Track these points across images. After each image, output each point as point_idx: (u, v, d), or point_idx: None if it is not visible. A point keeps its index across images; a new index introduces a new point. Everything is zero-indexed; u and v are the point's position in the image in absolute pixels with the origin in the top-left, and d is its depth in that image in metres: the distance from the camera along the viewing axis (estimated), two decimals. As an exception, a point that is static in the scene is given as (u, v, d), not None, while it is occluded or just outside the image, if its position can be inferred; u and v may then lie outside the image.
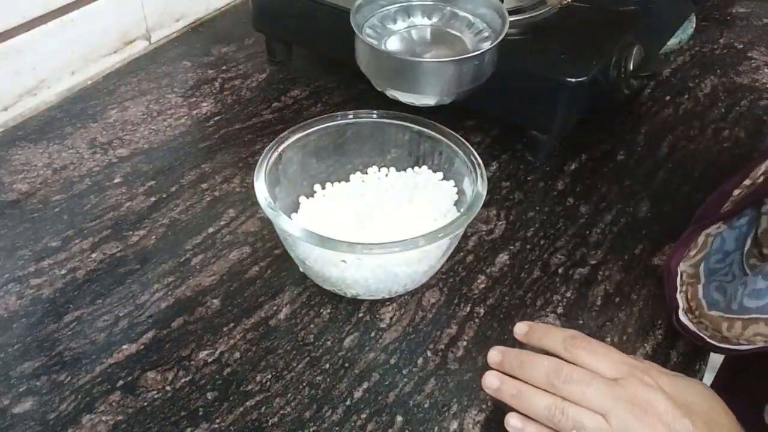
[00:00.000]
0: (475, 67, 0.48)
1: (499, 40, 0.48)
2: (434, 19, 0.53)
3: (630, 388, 0.41)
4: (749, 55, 0.84)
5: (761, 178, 0.51)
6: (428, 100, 0.52)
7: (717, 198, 0.54)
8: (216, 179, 0.66)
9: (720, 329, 0.48)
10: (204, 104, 0.75)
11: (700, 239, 0.53)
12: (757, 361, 0.46)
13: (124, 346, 0.52)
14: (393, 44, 0.52)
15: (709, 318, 0.49)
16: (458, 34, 0.52)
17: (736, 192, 0.53)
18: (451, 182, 0.58)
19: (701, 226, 0.54)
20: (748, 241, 0.51)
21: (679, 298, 0.52)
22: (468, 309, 0.55)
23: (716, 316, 0.48)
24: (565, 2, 0.54)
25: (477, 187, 0.52)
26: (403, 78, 0.49)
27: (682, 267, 0.53)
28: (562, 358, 0.43)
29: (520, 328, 0.47)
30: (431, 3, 0.53)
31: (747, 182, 0.52)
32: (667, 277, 0.53)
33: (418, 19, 0.53)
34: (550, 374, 0.42)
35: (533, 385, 0.43)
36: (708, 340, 0.48)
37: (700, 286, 0.51)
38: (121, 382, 0.49)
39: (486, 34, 0.51)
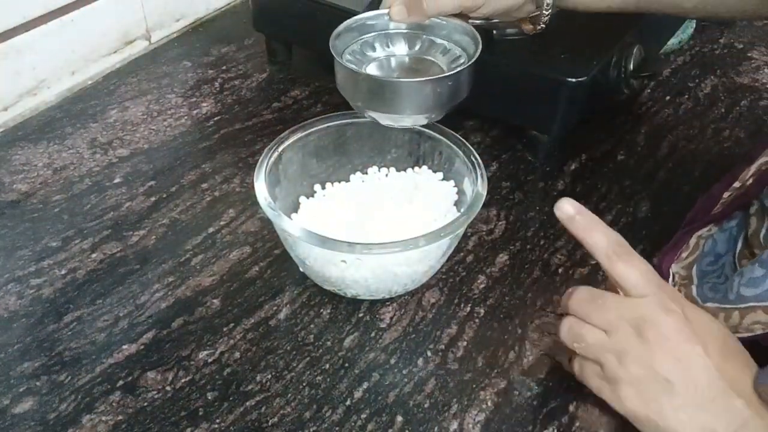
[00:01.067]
0: (450, 87, 0.50)
1: (473, 60, 0.50)
2: (411, 47, 0.55)
3: (644, 307, 0.41)
4: (749, 55, 0.84)
5: (750, 180, 0.51)
6: (405, 121, 0.53)
7: (706, 201, 0.54)
8: (216, 179, 0.66)
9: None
10: (204, 104, 0.75)
11: (692, 241, 0.53)
12: (751, 351, 0.46)
13: (124, 346, 0.52)
14: (371, 71, 0.54)
15: (704, 310, 0.48)
16: (434, 60, 0.54)
17: (726, 194, 0.53)
18: (451, 182, 0.58)
19: (692, 229, 0.54)
20: (739, 243, 0.51)
21: None
22: (468, 309, 0.55)
23: (713, 308, 0.48)
24: (539, 27, 0.55)
25: (477, 187, 0.52)
26: (381, 99, 0.51)
27: (674, 268, 0.53)
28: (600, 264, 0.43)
29: (566, 209, 0.44)
30: (408, 31, 0.55)
31: (736, 185, 0.53)
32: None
33: (396, 47, 0.55)
34: (564, 299, 0.45)
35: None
36: None
37: (693, 287, 0.51)
38: (121, 382, 0.49)
39: (462, 60, 0.53)
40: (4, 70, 0.70)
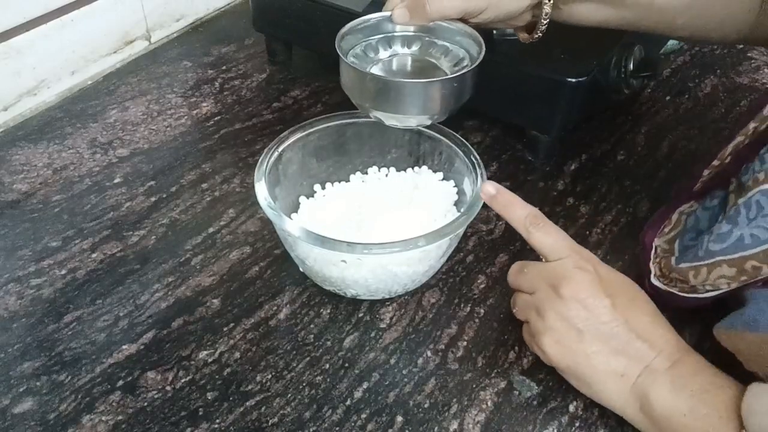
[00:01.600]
0: (455, 89, 0.51)
1: (477, 63, 0.51)
2: (416, 49, 0.56)
3: (560, 267, 0.46)
4: (749, 55, 0.84)
5: (728, 158, 0.53)
6: (410, 122, 0.54)
7: (690, 179, 0.56)
8: (216, 179, 0.66)
9: (687, 279, 0.49)
10: (204, 104, 0.75)
11: (674, 217, 0.56)
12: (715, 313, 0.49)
13: (124, 346, 0.52)
14: (375, 72, 0.54)
15: (676, 270, 0.50)
16: (437, 62, 0.55)
17: (706, 172, 0.55)
18: (451, 182, 0.58)
19: (674, 205, 0.56)
20: (719, 219, 0.54)
21: (652, 267, 0.54)
22: (468, 309, 0.55)
23: (684, 267, 0.50)
24: (536, 37, 0.56)
25: (477, 187, 0.52)
26: (387, 99, 0.51)
27: (657, 242, 0.55)
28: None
29: (488, 190, 0.50)
30: (412, 33, 0.55)
31: (716, 162, 0.54)
32: (642, 250, 0.56)
33: (400, 49, 0.56)
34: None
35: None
36: (678, 293, 0.50)
37: (673, 258, 0.53)
38: (121, 382, 0.49)
39: (465, 62, 0.54)
40: (4, 70, 0.70)
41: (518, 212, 0.49)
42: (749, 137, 0.51)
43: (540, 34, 0.56)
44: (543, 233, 0.48)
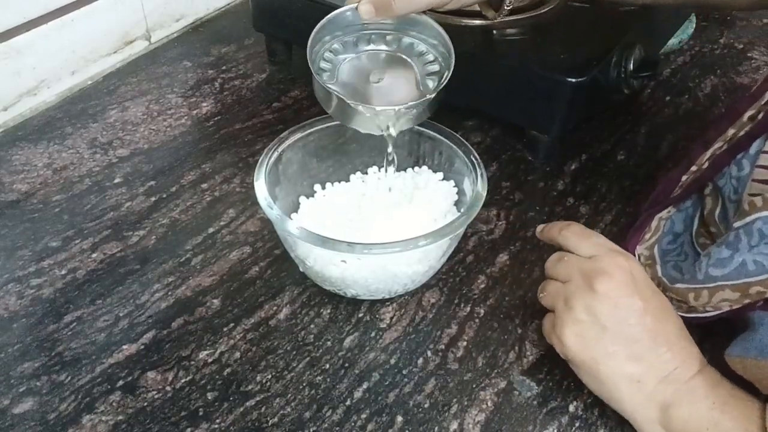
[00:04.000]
0: (422, 108, 0.51)
1: (445, 81, 0.50)
2: (386, 45, 0.54)
3: (597, 263, 0.46)
4: (749, 55, 0.84)
5: (706, 164, 0.54)
6: (375, 131, 0.53)
7: (666, 184, 0.57)
8: (216, 179, 0.66)
9: (687, 300, 0.50)
10: (204, 104, 0.75)
11: (654, 223, 0.56)
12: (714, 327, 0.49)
13: (124, 346, 0.52)
14: (345, 70, 0.53)
15: (674, 291, 0.51)
16: (409, 60, 0.54)
17: (684, 178, 0.56)
18: (451, 182, 0.58)
19: (654, 211, 0.56)
20: (695, 222, 0.55)
21: None
22: (468, 309, 0.55)
23: (682, 288, 0.50)
24: (503, 15, 0.55)
25: (477, 187, 0.52)
26: (353, 118, 0.51)
27: (639, 250, 0.56)
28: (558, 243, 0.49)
29: (539, 229, 0.51)
30: (386, 31, 0.54)
31: (693, 168, 0.55)
32: None
33: (372, 45, 0.54)
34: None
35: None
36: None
37: (657, 267, 0.54)
38: (121, 382, 0.49)
39: (432, 59, 0.53)
40: (4, 70, 0.70)
41: (556, 225, 0.50)
42: (727, 143, 0.52)
43: (506, 11, 0.55)
44: (577, 237, 0.48)
